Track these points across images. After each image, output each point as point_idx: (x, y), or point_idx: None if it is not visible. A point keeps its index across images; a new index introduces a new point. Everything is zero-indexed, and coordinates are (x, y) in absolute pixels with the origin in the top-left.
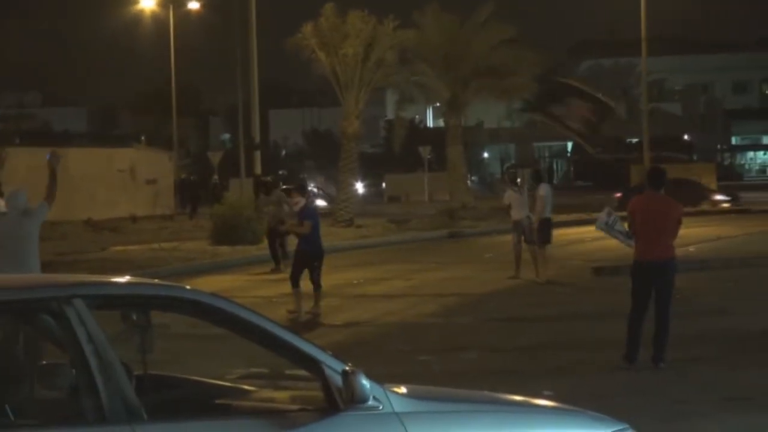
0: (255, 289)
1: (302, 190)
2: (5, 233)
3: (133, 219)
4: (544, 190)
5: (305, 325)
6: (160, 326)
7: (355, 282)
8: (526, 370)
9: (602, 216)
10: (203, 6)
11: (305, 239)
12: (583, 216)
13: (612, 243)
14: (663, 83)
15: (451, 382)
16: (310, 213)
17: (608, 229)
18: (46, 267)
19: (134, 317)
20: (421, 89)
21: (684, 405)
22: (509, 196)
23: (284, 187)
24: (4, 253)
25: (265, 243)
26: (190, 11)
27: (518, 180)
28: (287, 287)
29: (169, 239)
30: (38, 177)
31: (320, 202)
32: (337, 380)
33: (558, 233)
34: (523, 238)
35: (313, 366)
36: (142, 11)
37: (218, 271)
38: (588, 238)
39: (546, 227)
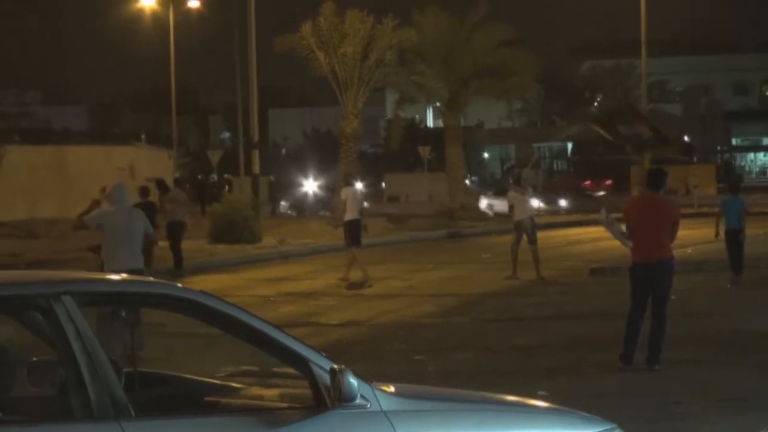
0: (252, 288)
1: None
2: (122, 228)
3: None
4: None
5: (300, 324)
6: (156, 324)
7: (352, 281)
8: (522, 371)
9: (601, 215)
10: (203, 4)
11: None
12: (582, 217)
13: (611, 244)
14: (664, 84)
15: (446, 381)
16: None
17: (609, 224)
18: (42, 265)
19: (124, 314)
20: (421, 89)
21: (679, 406)
22: (512, 196)
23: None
24: (120, 246)
25: (263, 242)
26: (190, 9)
27: (521, 181)
28: (284, 286)
29: (167, 237)
30: (38, 175)
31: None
32: (325, 378)
33: (557, 234)
34: (526, 238)
35: (302, 364)
36: (142, 10)
37: (216, 269)
38: (587, 239)
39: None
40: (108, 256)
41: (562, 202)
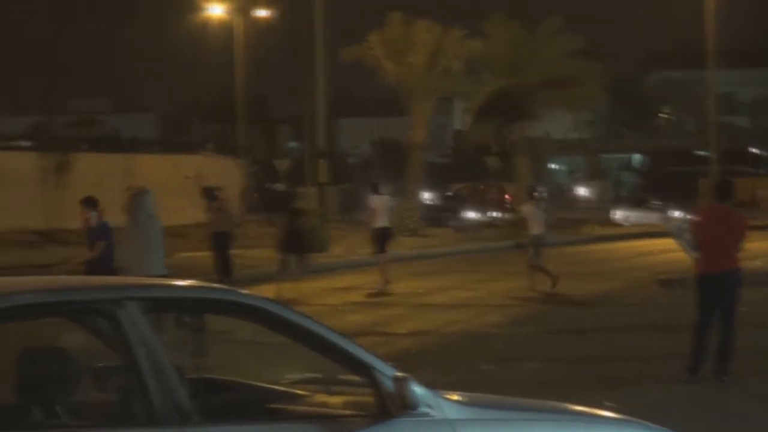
0: (319, 297)
1: (91, 204)
2: (158, 232)
3: (200, 226)
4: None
5: (367, 333)
6: (221, 331)
7: (420, 291)
8: (588, 381)
9: (671, 225)
10: (271, 14)
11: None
12: (651, 228)
13: (679, 255)
14: (733, 96)
15: (512, 391)
16: (105, 232)
17: (678, 234)
18: (121, 273)
19: (188, 321)
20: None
21: (745, 418)
22: (527, 210)
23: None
24: (156, 249)
25: (331, 251)
26: (258, 19)
27: (535, 195)
28: (352, 295)
29: (235, 246)
30: (106, 183)
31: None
32: (389, 386)
33: (625, 246)
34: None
35: (366, 372)
36: (210, 19)
37: (283, 278)
38: (655, 250)
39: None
40: (138, 260)
41: (631, 214)
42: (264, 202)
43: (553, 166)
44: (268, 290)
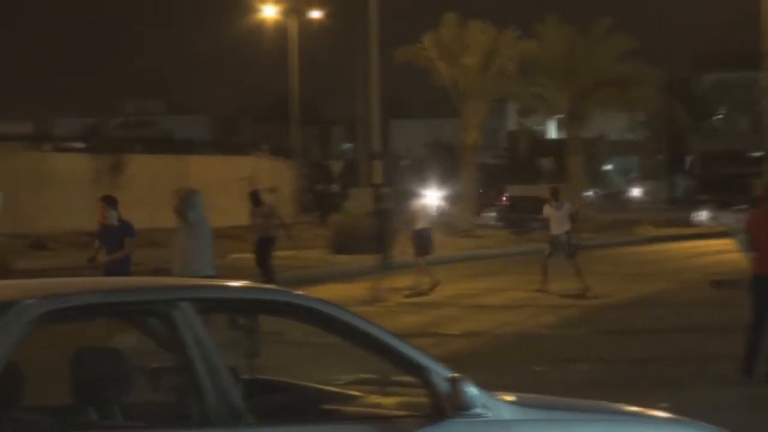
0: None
1: (111, 202)
2: (208, 233)
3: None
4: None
5: (421, 335)
6: (276, 333)
7: (473, 292)
8: (641, 382)
9: (729, 224)
10: (325, 15)
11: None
12: (704, 230)
13: (733, 256)
14: None
15: (566, 392)
16: (131, 231)
17: (735, 233)
18: (163, 274)
19: (242, 322)
20: (542, 100)
21: None
22: (547, 211)
23: None
24: (205, 251)
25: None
26: (312, 20)
27: (558, 196)
28: (406, 296)
29: (288, 248)
30: (159, 184)
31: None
32: (444, 387)
33: (678, 247)
34: (564, 253)
35: (420, 372)
36: (264, 20)
37: (336, 279)
38: (708, 251)
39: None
40: (187, 261)
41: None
42: (317, 203)
43: (607, 167)
44: (323, 291)
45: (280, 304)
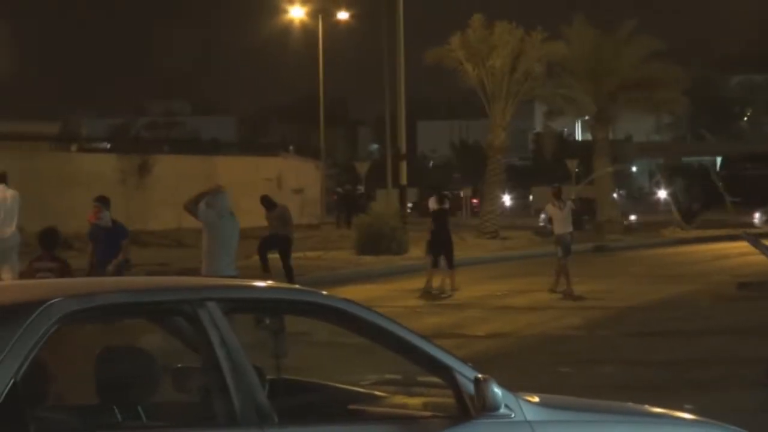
0: (398, 299)
1: (105, 203)
2: (227, 235)
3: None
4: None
5: (445, 336)
6: (302, 333)
7: (498, 294)
8: (667, 385)
9: (744, 234)
10: (352, 16)
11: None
12: (731, 231)
13: (759, 258)
14: None
15: (591, 394)
16: (126, 232)
17: (753, 241)
18: (190, 274)
19: (268, 322)
20: (569, 102)
21: None
22: (550, 211)
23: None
24: (226, 252)
25: (410, 253)
26: (339, 21)
27: (562, 196)
28: (431, 297)
29: (315, 248)
30: (186, 184)
31: None
32: (469, 388)
33: (704, 248)
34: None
35: (446, 373)
36: (291, 21)
37: (362, 280)
38: (734, 253)
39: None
40: (209, 261)
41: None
42: (343, 204)
43: (633, 168)
44: (349, 292)
45: (307, 304)
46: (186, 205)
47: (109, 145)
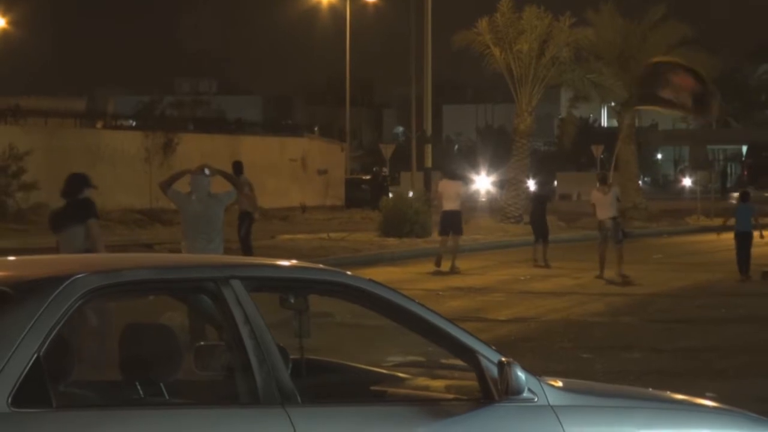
0: (421, 282)
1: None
2: (197, 213)
3: (303, 209)
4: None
5: (468, 319)
6: (326, 314)
7: (521, 278)
8: (689, 372)
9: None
10: None
11: None
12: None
13: None
14: None
15: (613, 380)
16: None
17: None
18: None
19: (292, 301)
20: (596, 88)
21: None
22: (595, 196)
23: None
24: (195, 232)
25: (434, 236)
26: (366, 3)
27: (608, 181)
28: (453, 281)
29: (338, 230)
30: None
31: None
32: (493, 371)
33: (729, 236)
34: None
35: (469, 356)
36: (319, 2)
37: (385, 262)
38: (760, 242)
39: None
40: (187, 243)
41: None
42: (368, 186)
43: (659, 155)
44: (372, 274)
45: (332, 284)
46: (160, 185)
47: (134, 123)
